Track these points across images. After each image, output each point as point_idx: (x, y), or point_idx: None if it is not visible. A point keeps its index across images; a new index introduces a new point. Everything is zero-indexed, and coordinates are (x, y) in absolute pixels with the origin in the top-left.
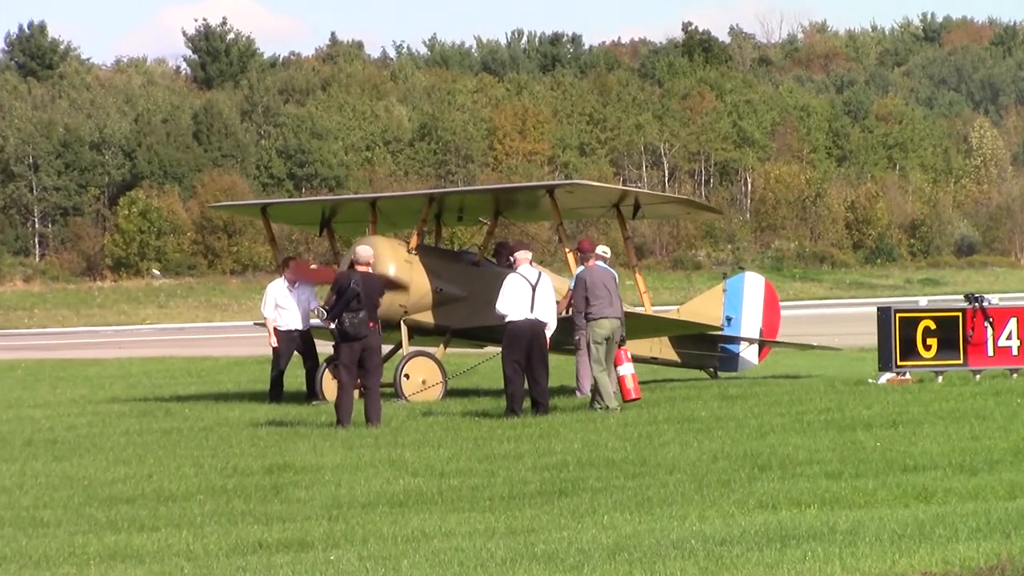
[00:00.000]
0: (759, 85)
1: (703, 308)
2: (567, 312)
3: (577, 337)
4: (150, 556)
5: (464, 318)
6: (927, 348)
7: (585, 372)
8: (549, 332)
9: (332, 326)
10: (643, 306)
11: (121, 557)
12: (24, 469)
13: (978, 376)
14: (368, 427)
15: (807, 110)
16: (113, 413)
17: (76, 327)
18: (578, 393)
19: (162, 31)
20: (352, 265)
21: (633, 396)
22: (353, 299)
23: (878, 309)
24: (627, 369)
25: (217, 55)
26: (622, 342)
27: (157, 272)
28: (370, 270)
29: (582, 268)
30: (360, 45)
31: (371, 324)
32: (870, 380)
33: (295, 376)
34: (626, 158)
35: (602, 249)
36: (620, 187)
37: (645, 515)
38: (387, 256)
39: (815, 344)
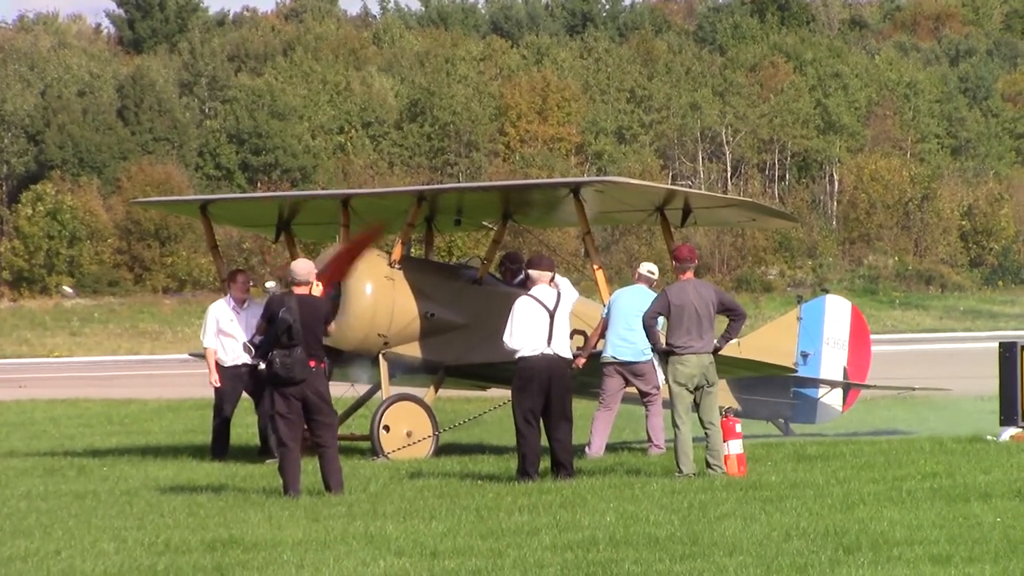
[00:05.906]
0: (850, 54)
1: (771, 341)
2: (596, 345)
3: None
4: None
5: (461, 352)
6: None
7: (658, 421)
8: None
9: (262, 366)
10: None
11: None
12: None
13: None
14: (329, 495)
15: (912, 87)
16: (11, 471)
17: None
18: (652, 449)
19: None
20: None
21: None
22: (284, 332)
23: (1000, 345)
24: (736, 447)
25: (149, 10)
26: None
27: (69, 290)
28: (311, 291)
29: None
30: None
31: (311, 363)
32: (989, 437)
33: (244, 425)
34: (677, 147)
35: (648, 268)
36: (665, 186)
37: None
38: (361, 270)
39: (917, 387)
